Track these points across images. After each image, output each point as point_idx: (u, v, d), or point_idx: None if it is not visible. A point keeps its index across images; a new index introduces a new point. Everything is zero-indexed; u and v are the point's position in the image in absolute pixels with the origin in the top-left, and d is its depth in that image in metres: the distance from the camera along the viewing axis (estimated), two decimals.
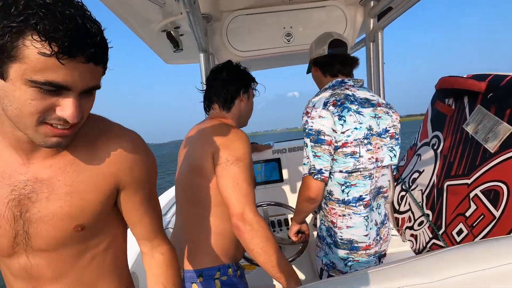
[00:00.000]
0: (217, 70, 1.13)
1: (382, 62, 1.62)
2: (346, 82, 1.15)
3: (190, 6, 1.02)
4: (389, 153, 1.11)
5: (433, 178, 1.78)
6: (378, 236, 1.11)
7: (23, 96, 0.44)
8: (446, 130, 1.75)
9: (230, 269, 1.01)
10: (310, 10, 1.63)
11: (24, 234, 0.55)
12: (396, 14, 1.42)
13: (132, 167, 0.61)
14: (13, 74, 0.42)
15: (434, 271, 0.45)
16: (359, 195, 1.05)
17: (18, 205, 0.54)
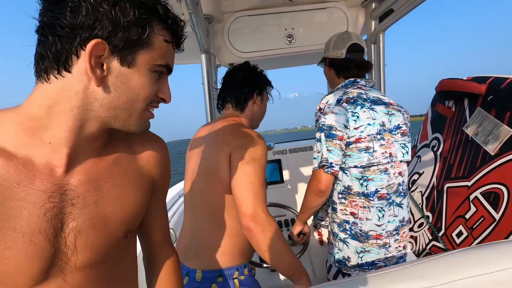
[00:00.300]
0: (234, 70, 1.15)
1: (384, 63, 1.62)
2: (358, 82, 1.18)
3: (193, 7, 1.02)
4: (401, 149, 1.13)
5: (433, 180, 1.79)
6: (395, 231, 1.11)
7: (145, 80, 0.47)
8: (446, 132, 1.76)
9: (246, 269, 1.03)
10: (311, 12, 1.63)
11: (67, 249, 0.46)
12: (397, 16, 1.42)
13: (164, 170, 0.62)
14: (140, 60, 0.45)
15: (438, 274, 0.45)
16: (375, 188, 1.08)
17: (59, 215, 0.45)
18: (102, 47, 0.42)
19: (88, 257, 0.49)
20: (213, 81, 1.79)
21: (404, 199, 1.14)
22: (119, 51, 0.44)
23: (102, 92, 0.44)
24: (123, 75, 0.45)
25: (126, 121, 0.49)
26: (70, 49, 0.41)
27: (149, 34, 0.45)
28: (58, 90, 0.43)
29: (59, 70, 0.42)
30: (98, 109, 0.46)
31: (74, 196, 0.47)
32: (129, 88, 0.46)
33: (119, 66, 0.44)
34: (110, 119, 0.47)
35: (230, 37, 1.64)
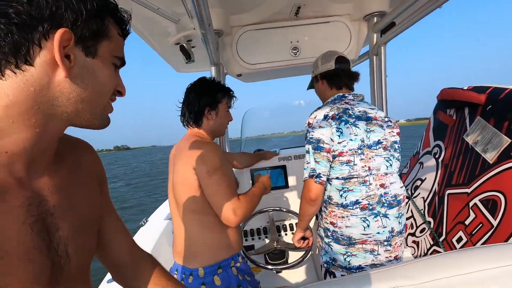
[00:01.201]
0: (188, 90, 1.23)
1: (385, 75, 1.69)
2: (346, 97, 1.27)
3: (204, 25, 1.11)
4: (385, 162, 1.20)
5: (434, 186, 1.83)
6: (386, 242, 1.17)
7: (109, 72, 0.47)
8: (448, 140, 1.80)
9: (239, 257, 1.20)
10: (316, 26, 1.71)
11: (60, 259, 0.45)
12: (399, 30, 1.49)
13: (101, 168, 0.63)
14: (102, 51, 0.45)
15: (419, 274, 0.52)
16: (355, 199, 1.15)
17: (43, 227, 0.43)
18: (69, 37, 0.40)
19: (80, 262, 0.49)
20: None
21: (390, 209, 1.18)
22: (83, 41, 0.43)
23: (69, 85, 0.42)
24: (88, 65, 0.44)
25: (92, 115, 0.47)
26: (32, 39, 0.38)
27: (107, 26, 0.46)
28: (18, 86, 0.39)
29: (17, 63, 0.38)
30: (65, 104, 0.43)
31: (50, 206, 0.45)
32: (95, 79, 0.45)
33: (84, 56, 0.43)
34: (76, 114, 0.45)
35: (238, 49, 1.72)
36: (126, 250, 0.67)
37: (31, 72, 0.39)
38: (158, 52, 1.96)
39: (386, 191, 1.19)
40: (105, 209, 0.64)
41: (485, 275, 0.50)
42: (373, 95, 1.76)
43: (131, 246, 0.68)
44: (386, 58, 1.65)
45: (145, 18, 1.46)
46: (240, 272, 1.17)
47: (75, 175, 0.53)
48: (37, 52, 0.39)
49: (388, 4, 1.57)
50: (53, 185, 0.46)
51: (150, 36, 1.72)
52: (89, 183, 0.56)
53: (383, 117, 1.26)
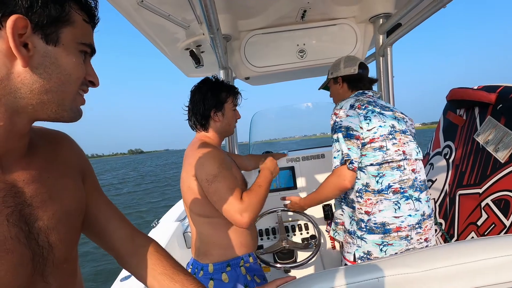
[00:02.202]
0: (192, 93, 1.22)
1: (392, 75, 1.69)
2: (366, 93, 1.32)
3: (213, 30, 1.15)
4: (415, 149, 1.24)
5: (445, 187, 1.81)
6: (417, 225, 1.18)
7: (74, 60, 0.44)
8: (458, 140, 1.78)
9: (250, 257, 1.20)
10: (322, 28, 1.74)
11: (42, 249, 0.45)
12: (404, 31, 1.50)
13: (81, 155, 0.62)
14: (65, 38, 0.43)
15: (420, 263, 0.53)
16: (388, 183, 1.17)
17: (21, 217, 0.42)
18: (24, 24, 0.38)
19: (63, 251, 0.48)
20: None
21: (421, 193, 1.20)
22: (42, 29, 0.40)
23: (30, 75, 0.40)
24: (50, 54, 0.42)
25: (60, 107, 0.45)
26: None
27: (69, 12, 0.43)
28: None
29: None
30: (28, 96, 0.41)
31: (27, 197, 0.44)
32: (59, 68, 0.43)
33: (45, 45, 0.41)
34: (42, 106, 0.43)
35: (246, 53, 1.77)
36: (125, 238, 0.66)
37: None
38: (169, 57, 2.02)
39: (416, 176, 1.21)
40: (94, 198, 0.62)
41: (483, 265, 0.51)
42: (381, 96, 1.77)
43: (131, 234, 0.67)
44: (393, 59, 1.66)
45: (156, 24, 1.52)
46: (249, 272, 1.17)
47: (53, 166, 0.51)
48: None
49: (393, 6, 1.59)
50: (29, 177, 0.46)
51: (161, 42, 1.78)
52: (69, 174, 0.55)
53: (400, 111, 1.31)
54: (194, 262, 1.20)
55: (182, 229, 2.03)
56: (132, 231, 0.68)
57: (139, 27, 1.51)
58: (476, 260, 0.51)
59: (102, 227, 0.64)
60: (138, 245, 0.67)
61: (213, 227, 1.15)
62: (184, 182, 1.15)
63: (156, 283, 0.64)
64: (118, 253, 0.66)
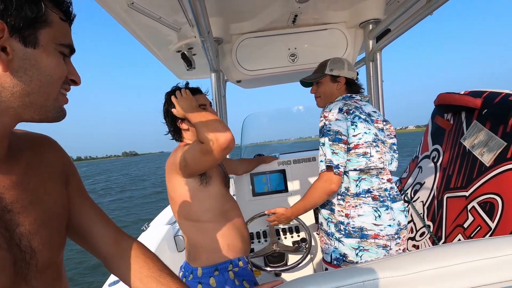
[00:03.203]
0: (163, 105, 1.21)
1: (381, 80, 1.72)
2: (354, 97, 1.33)
3: (204, 33, 1.15)
4: (389, 159, 1.28)
5: (433, 190, 1.84)
6: (396, 235, 1.21)
7: (54, 61, 0.44)
8: (445, 144, 1.82)
9: (240, 262, 1.19)
10: (313, 33, 1.76)
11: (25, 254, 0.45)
12: (393, 36, 1.53)
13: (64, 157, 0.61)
14: (44, 40, 0.43)
15: (410, 265, 0.54)
16: (367, 188, 1.20)
17: (2, 223, 0.43)
18: (0, 27, 0.38)
19: (47, 256, 0.48)
20: (222, 95, 1.92)
21: (393, 203, 1.23)
22: (19, 31, 0.40)
23: (10, 79, 0.40)
24: (30, 56, 0.42)
25: (43, 108, 0.45)
26: None
27: (45, 12, 0.42)
28: None
29: None
30: (9, 99, 0.41)
31: (7, 203, 0.44)
32: (40, 70, 0.43)
33: (23, 47, 0.41)
34: (24, 108, 0.43)
35: (238, 56, 1.77)
36: (110, 241, 0.65)
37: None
38: (160, 59, 2.01)
39: (392, 186, 1.24)
40: (78, 201, 0.62)
41: (468, 267, 0.52)
42: (371, 100, 1.79)
43: (115, 236, 0.66)
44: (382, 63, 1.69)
45: (147, 27, 1.52)
46: (238, 277, 1.16)
47: (35, 170, 0.51)
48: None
49: (382, 12, 1.62)
50: (9, 182, 0.45)
51: (152, 44, 1.77)
52: (52, 178, 0.54)
53: (382, 119, 1.33)
54: (186, 266, 1.20)
55: (173, 232, 2.01)
56: (118, 234, 0.68)
57: (129, 29, 1.49)
58: (461, 262, 0.52)
59: (86, 231, 0.63)
60: (124, 248, 0.67)
61: (200, 231, 1.15)
62: (168, 187, 1.15)
63: (142, 286, 0.64)
64: (104, 256, 0.66)
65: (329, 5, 1.57)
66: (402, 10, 1.34)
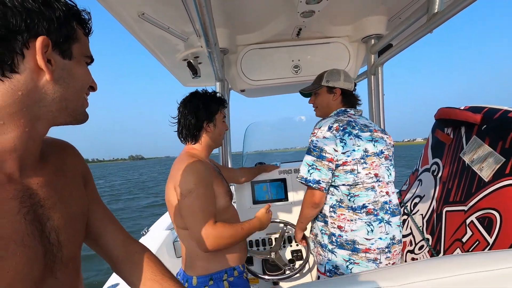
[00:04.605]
0: (183, 103, 1.22)
1: (382, 93, 1.75)
2: (348, 111, 1.35)
3: (211, 44, 1.19)
4: (386, 172, 1.27)
5: (433, 203, 1.85)
6: (387, 248, 1.21)
7: (84, 70, 0.52)
8: (445, 158, 1.83)
9: (235, 271, 1.19)
10: (316, 46, 1.80)
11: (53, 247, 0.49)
12: (395, 51, 1.56)
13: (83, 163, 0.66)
14: (76, 53, 0.50)
15: (400, 277, 0.56)
16: (362, 203, 1.21)
17: (36, 217, 0.47)
18: (47, 43, 0.44)
19: (71, 251, 0.53)
20: None
21: (392, 217, 1.23)
22: (59, 46, 0.47)
23: (52, 86, 0.47)
24: (67, 67, 0.49)
25: (74, 111, 0.52)
26: (14, 49, 0.42)
27: (75, 28, 0.50)
28: (6, 92, 0.43)
29: (3, 72, 0.43)
30: (50, 104, 0.47)
31: (40, 199, 0.49)
32: (74, 78, 0.50)
33: (62, 59, 0.48)
34: (60, 112, 0.49)
35: (243, 66, 1.82)
36: (119, 243, 0.69)
37: (17, 78, 0.44)
38: (167, 67, 2.06)
39: (390, 199, 1.24)
40: (92, 203, 0.66)
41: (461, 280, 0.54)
42: (371, 112, 1.82)
43: (125, 240, 0.70)
44: (384, 77, 1.72)
45: (156, 36, 1.57)
46: (232, 287, 1.16)
47: (61, 173, 0.56)
48: (21, 61, 0.43)
49: (384, 27, 1.66)
50: (41, 181, 0.50)
51: (160, 53, 1.82)
52: (74, 181, 0.60)
53: (381, 130, 1.35)
54: (183, 274, 1.20)
55: (172, 237, 2.02)
56: (126, 238, 0.71)
57: (139, 38, 1.55)
58: (453, 275, 0.54)
59: (98, 232, 0.67)
60: (131, 251, 0.70)
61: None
62: (166, 194, 1.15)
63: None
64: (111, 258, 0.69)
65: (332, 20, 1.61)
66: (403, 27, 1.38)
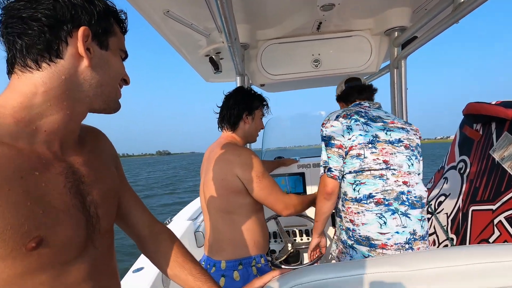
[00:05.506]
0: (228, 95, 1.34)
1: (405, 87, 1.70)
2: (362, 104, 1.32)
3: (231, 39, 1.23)
4: (407, 161, 1.19)
5: (458, 202, 1.78)
6: (407, 244, 1.12)
7: (118, 62, 0.57)
8: (473, 155, 1.75)
9: (262, 258, 1.24)
10: (337, 40, 1.78)
11: (92, 218, 0.54)
12: (419, 43, 1.51)
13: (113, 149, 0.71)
14: (112, 45, 0.55)
15: (409, 263, 0.56)
16: (368, 192, 1.15)
17: (78, 191, 0.52)
18: (88, 33, 0.49)
19: (107, 223, 0.58)
20: None
21: (412, 209, 1.15)
22: (98, 37, 0.52)
23: (90, 72, 0.51)
24: (104, 56, 0.53)
25: (108, 97, 0.56)
26: (60, 37, 0.47)
27: (113, 24, 0.55)
28: (52, 75, 0.48)
29: (50, 57, 0.47)
30: (87, 89, 0.52)
31: (81, 175, 0.54)
32: (110, 67, 0.54)
33: (99, 49, 0.52)
34: (96, 97, 0.54)
35: (263, 61, 1.84)
36: (145, 223, 0.74)
37: (61, 63, 0.48)
38: (190, 62, 2.14)
39: (410, 189, 1.16)
40: (122, 186, 0.71)
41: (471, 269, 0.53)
42: (394, 107, 1.78)
43: (150, 220, 0.76)
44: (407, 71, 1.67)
45: (180, 32, 1.63)
46: (260, 273, 1.19)
47: (96, 155, 0.61)
48: (65, 47, 0.48)
49: (408, 19, 1.61)
50: (81, 161, 0.55)
51: (183, 49, 1.89)
52: (108, 162, 0.65)
53: (402, 121, 1.28)
54: (207, 259, 1.25)
55: (194, 228, 2.10)
56: (152, 219, 0.76)
57: (164, 34, 1.62)
58: (463, 264, 0.54)
59: (126, 211, 0.72)
60: (156, 231, 0.75)
61: (230, 224, 1.20)
62: (216, 175, 1.20)
63: (167, 268, 0.72)
64: (138, 237, 0.74)
65: (353, 13, 1.59)
66: (428, 18, 1.33)
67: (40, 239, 0.43)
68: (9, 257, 0.41)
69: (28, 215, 0.42)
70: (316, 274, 0.57)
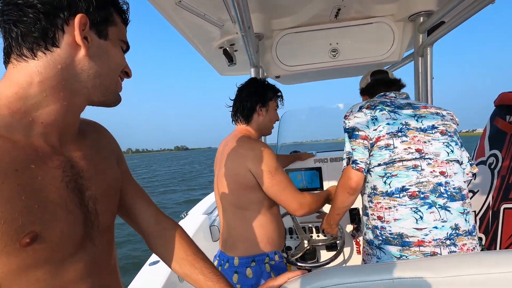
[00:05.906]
0: (241, 88, 1.31)
1: (431, 76, 1.59)
2: (388, 95, 1.24)
3: (245, 28, 1.18)
4: (445, 148, 1.08)
5: (488, 199, 1.66)
6: (449, 240, 1.01)
7: (118, 53, 0.55)
8: (506, 149, 1.63)
9: (276, 255, 1.21)
10: (356, 27, 1.69)
11: (91, 214, 0.52)
12: (447, 28, 1.40)
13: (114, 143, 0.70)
14: (112, 35, 0.53)
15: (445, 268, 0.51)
16: (401, 185, 1.05)
17: (76, 185, 0.50)
18: (85, 21, 0.47)
19: (107, 220, 0.56)
20: None
21: (452, 202, 1.04)
22: (96, 26, 0.50)
23: (88, 62, 0.49)
24: (102, 46, 0.51)
25: (107, 89, 0.54)
26: (56, 24, 0.45)
27: (113, 13, 0.53)
28: (48, 64, 0.46)
29: (46, 46, 0.45)
30: (85, 80, 0.50)
31: (80, 170, 0.52)
32: (109, 58, 0.52)
33: (98, 39, 0.51)
34: (94, 89, 0.52)
35: (278, 52, 1.78)
36: (151, 219, 0.72)
37: (57, 52, 0.46)
38: (204, 55, 2.11)
39: (448, 180, 1.05)
40: (125, 180, 0.70)
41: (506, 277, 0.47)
42: (418, 97, 1.67)
43: (157, 215, 0.73)
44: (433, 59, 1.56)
45: (192, 24, 1.60)
46: (274, 270, 1.17)
47: (97, 149, 0.60)
48: (61, 36, 0.46)
49: (435, 3, 1.49)
50: (80, 154, 0.54)
51: (197, 41, 1.86)
52: (109, 157, 0.63)
53: (436, 107, 1.17)
54: (221, 254, 1.24)
55: (209, 222, 2.10)
56: (159, 214, 0.73)
57: (177, 26, 1.59)
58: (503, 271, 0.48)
59: (130, 207, 0.70)
60: (163, 228, 0.72)
61: (243, 220, 1.18)
62: (230, 170, 1.17)
63: (177, 267, 0.69)
64: (144, 233, 0.72)
65: None
66: (458, 0, 1.23)
67: (35, 235, 0.41)
68: (3, 253, 0.39)
69: (23, 209, 0.40)
70: (336, 277, 0.52)
